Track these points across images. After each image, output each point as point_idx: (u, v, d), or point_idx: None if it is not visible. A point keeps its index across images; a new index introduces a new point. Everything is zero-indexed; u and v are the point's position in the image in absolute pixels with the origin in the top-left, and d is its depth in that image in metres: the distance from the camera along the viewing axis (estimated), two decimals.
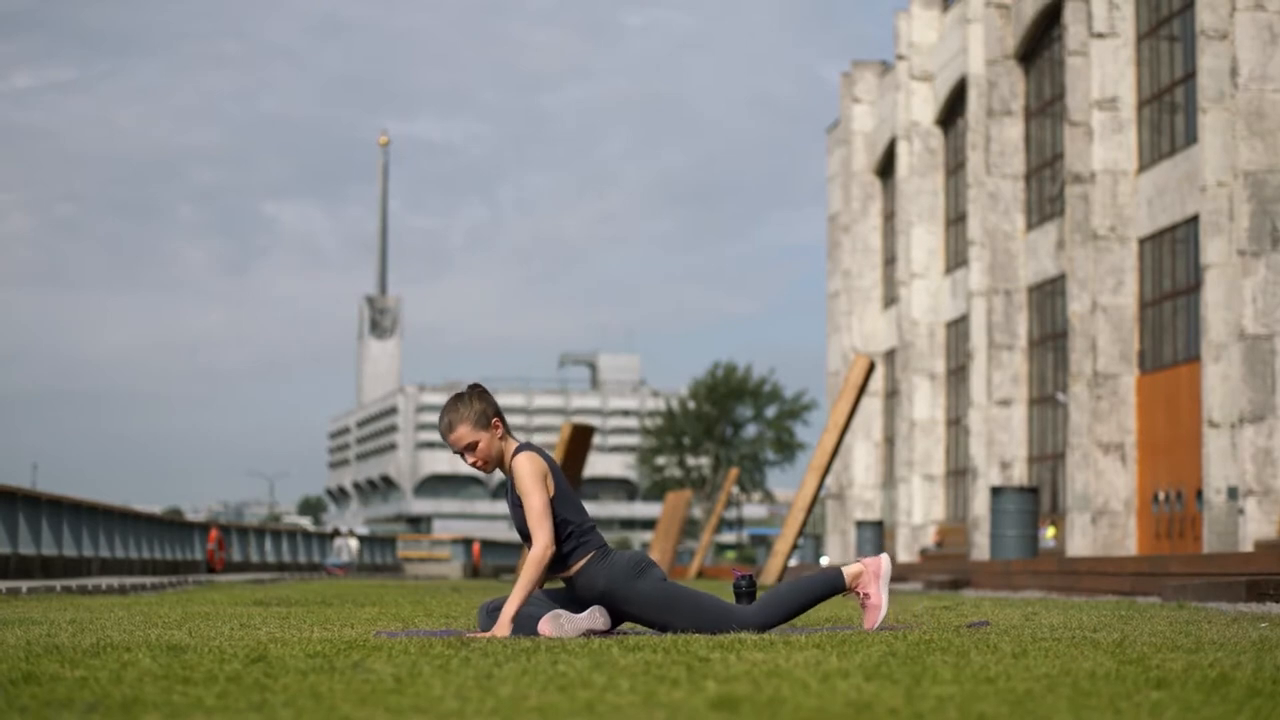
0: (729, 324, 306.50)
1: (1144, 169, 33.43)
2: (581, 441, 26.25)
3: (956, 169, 45.74)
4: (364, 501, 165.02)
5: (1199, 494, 30.00)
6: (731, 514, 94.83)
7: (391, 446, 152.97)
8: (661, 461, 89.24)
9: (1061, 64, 37.08)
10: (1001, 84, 40.21)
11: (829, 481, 51.53)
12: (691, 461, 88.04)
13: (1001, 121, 40.19)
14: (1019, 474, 39.12)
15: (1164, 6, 33.25)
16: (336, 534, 45.31)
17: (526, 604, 6.17)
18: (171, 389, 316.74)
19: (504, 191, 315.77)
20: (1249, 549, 24.09)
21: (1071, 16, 34.75)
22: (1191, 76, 31.43)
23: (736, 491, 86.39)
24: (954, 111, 45.62)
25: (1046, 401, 38.81)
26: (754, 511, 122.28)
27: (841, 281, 53.44)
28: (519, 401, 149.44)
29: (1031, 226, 39.71)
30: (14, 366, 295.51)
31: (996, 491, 24.46)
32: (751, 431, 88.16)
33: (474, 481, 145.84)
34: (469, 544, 58.04)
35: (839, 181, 54.52)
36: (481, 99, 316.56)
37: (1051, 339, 38.57)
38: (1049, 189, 38.91)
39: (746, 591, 6.55)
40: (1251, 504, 26.11)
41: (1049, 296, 38.72)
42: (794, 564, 39.08)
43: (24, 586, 14.38)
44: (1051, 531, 36.23)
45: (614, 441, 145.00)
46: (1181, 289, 32.10)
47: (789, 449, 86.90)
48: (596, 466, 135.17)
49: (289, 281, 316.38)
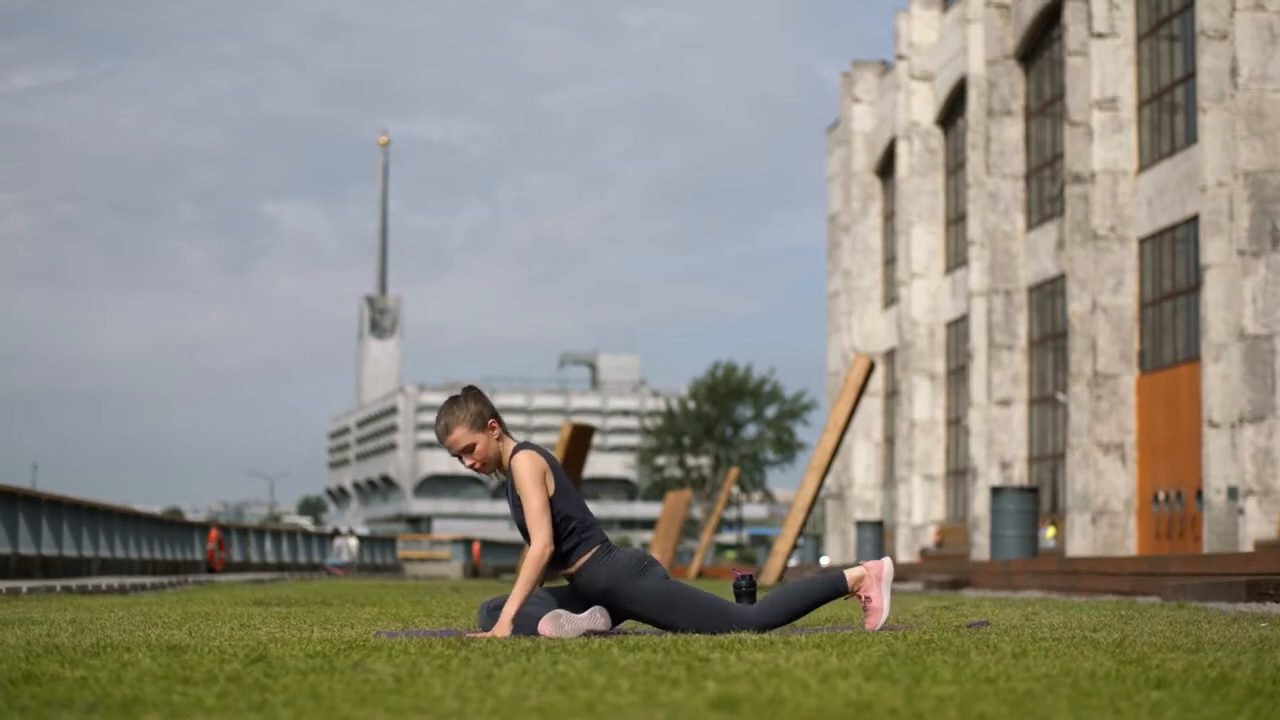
0: (729, 324, 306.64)
1: (1144, 169, 33.44)
2: (581, 441, 26.25)
3: (956, 169, 45.75)
4: (364, 501, 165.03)
5: (1199, 494, 30.00)
6: (731, 514, 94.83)
7: (391, 446, 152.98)
8: (661, 461, 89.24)
9: (1061, 64, 37.08)
10: (1001, 84, 40.21)
11: (829, 481, 51.53)
12: (691, 461, 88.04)
13: (1001, 121, 40.20)
14: (1019, 474, 39.12)
15: (1164, 6, 33.25)
16: (336, 534, 45.31)
17: (527, 603, 6.18)
18: (171, 389, 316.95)
19: (504, 191, 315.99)
20: (1249, 549, 24.09)
21: (1071, 16, 34.75)
22: (1191, 76, 31.43)
23: (736, 491, 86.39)
24: (954, 111, 45.63)
25: (1046, 401, 38.82)
26: (754, 511, 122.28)
27: (841, 281, 53.45)
28: (519, 401, 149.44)
29: (1031, 226, 39.71)
30: (14, 366, 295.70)
31: (996, 491, 24.45)
32: (751, 431, 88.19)
33: (474, 482, 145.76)
34: (469, 544, 58.03)
35: (839, 181, 54.53)
36: (481, 99, 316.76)
37: (1051, 339, 38.57)
38: (1049, 189, 38.91)
39: (747, 591, 6.55)
40: (1251, 504, 26.11)
41: (1049, 296, 38.72)
42: (794, 564, 39.06)
43: (24, 586, 14.38)
44: (1051, 531, 36.23)
45: (614, 441, 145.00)
46: (1181, 289, 32.11)
47: (789, 449, 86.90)
48: (596, 466, 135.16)
49: (289, 281, 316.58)
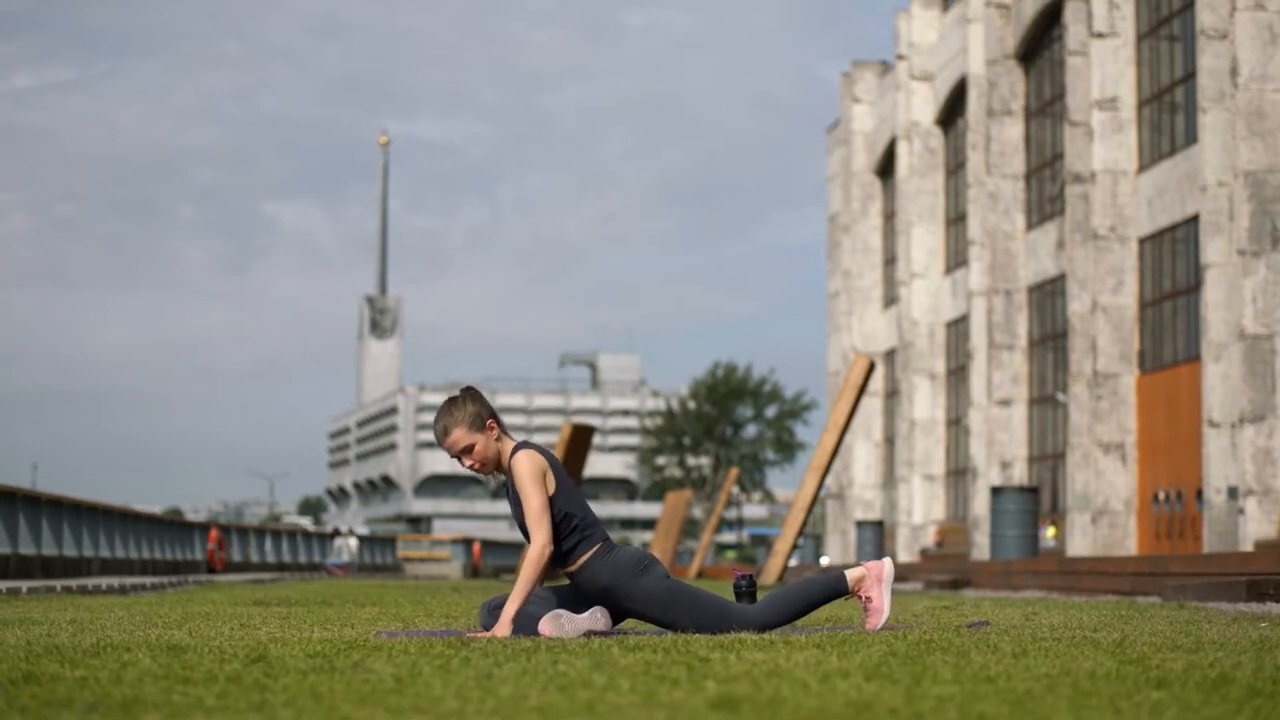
0: (729, 324, 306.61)
1: (1144, 169, 33.43)
2: (582, 441, 26.26)
3: (956, 169, 45.74)
4: (364, 501, 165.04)
5: (1199, 494, 29.99)
6: (731, 514, 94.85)
7: (391, 446, 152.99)
8: (661, 461, 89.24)
9: (1061, 64, 37.08)
10: (1001, 84, 40.21)
11: (829, 481, 51.53)
12: (691, 461, 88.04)
13: (1001, 121, 40.19)
14: (1019, 474, 39.11)
15: (1164, 6, 33.25)
16: (337, 534, 45.31)
17: (527, 602, 6.18)
18: (171, 389, 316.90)
19: (504, 191, 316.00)
20: (1249, 549, 24.09)
21: (1071, 16, 34.75)
22: (1191, 76, 31.43)
23: (736, 491, 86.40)
24: (954, 111, 45.62)
25: (1047, 401, 38.81)
26: (754, 511, 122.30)
27: (841, 281, 53.45)
28: (519, 401, 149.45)
29: (1031, 226, 39.71)
30: (14, 366, 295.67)
31: (996, 491, 24.45)
32: (751, 431, 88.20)
33: (474, 482, 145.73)
34: (469, 544, 58.03)
35: (839, 181, 54.53)
36: (481, 99, 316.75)
37: (1051, 339, 38.57)
38: (1049, 189, 38.91)
39: (747, 591, 6.56)
40: (1251, 504, 26.11)
41: (1049, 296, 38.72)
42: (794, 564, 39.06)
43: (24, 586, 14.38)
44: (1052, 531, 36.22)
45: (614, 441, 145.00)
46: (1181, 289, 32.10)
47: (789, 449, 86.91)
48: (596, 466, 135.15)
49: (289, 281, 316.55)
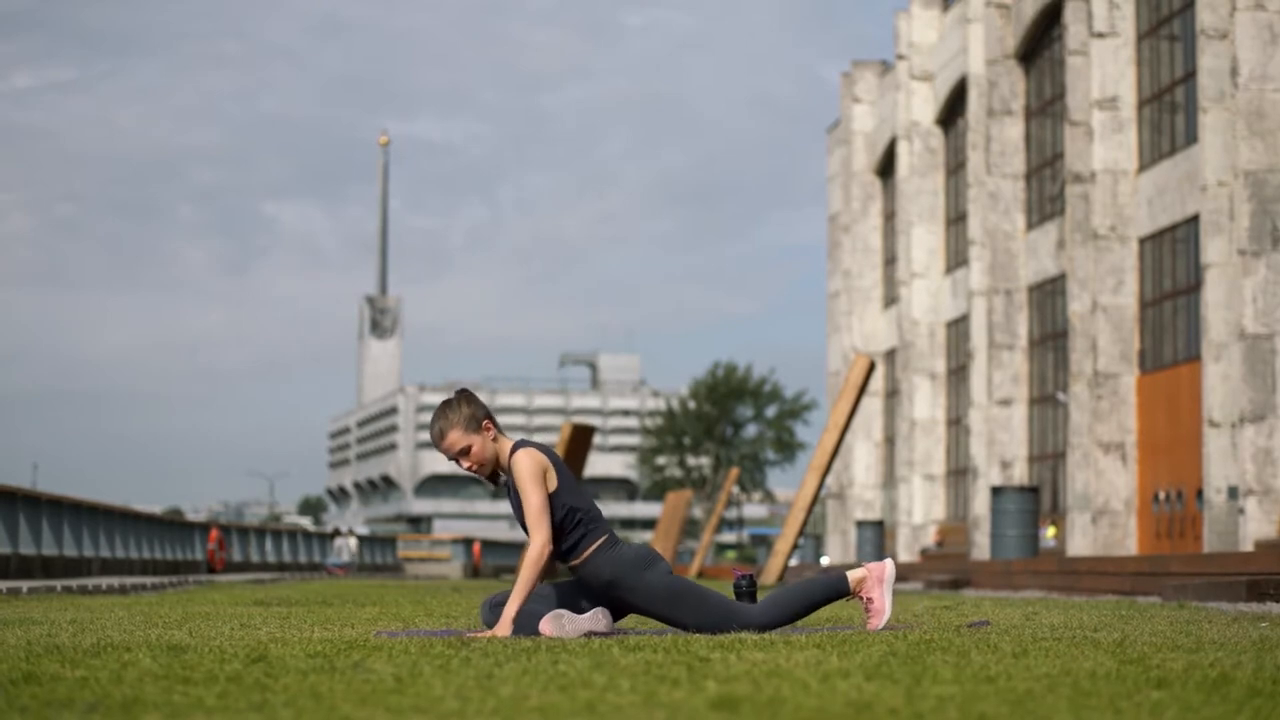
0: (729, 324, 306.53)
1: (1144, 169, 33.43)
2: (582, 441, 26.25)
3: (957, 169, 45.74)
4: (364, 501, 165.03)
5: (1199, 494, 29.99)
6: (732, 514, 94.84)
7: (392, 446, 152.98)
8: (662, 461, 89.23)
9: (1062, 64, 37.07)
10: (1002, 84, 40.21)
11: (829, 481, 51.53)
12: (692, 461, 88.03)
13: (1002, 121, 40.19)
14: (1019, 474, 39.11)
15: (1164, 6, 33.25)
16: (337, 534, 45.30)
17: (529, 600, 6.19)
18: (171, 389, 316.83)
19: (504, 191, 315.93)
20: (1249, 549, 24.09)
21: (1072, 16, 34.75)
22: (1192, 76, 31.42)
23: (737, 491, 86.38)
24: (954, 111, 45.62)
25: (1047, 401, 38.81)
26: (754, 511, 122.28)
27: (842, 281, 53.45)
28: (519, 401, 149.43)
29: (1032, 226, 39.71)
30: (14, 366, 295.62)
31: (997, 491, 24.44)
32: (752, 431, 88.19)
33: (474, 482, 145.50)
34: (469, 544, 58.04)
35: (839, 181, 54.53)
36: (481, 99, 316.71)
37: (1052, 339, 38.57)
38: (1049, 189, 38.91)
39: (747, 591, 6.56)
40: (1252, 504, 26.10)
41: (1049, 296, 38.72)
42: (794, 564, 39.07)
43: (24, 586, 14.38)
44: (1052, 531, 36.22)
45: (614, 441, 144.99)
46: (1182, 289, 32.10)
47: (789, 449, 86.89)
48: (597, 466, 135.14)
49: (289, 281, 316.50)
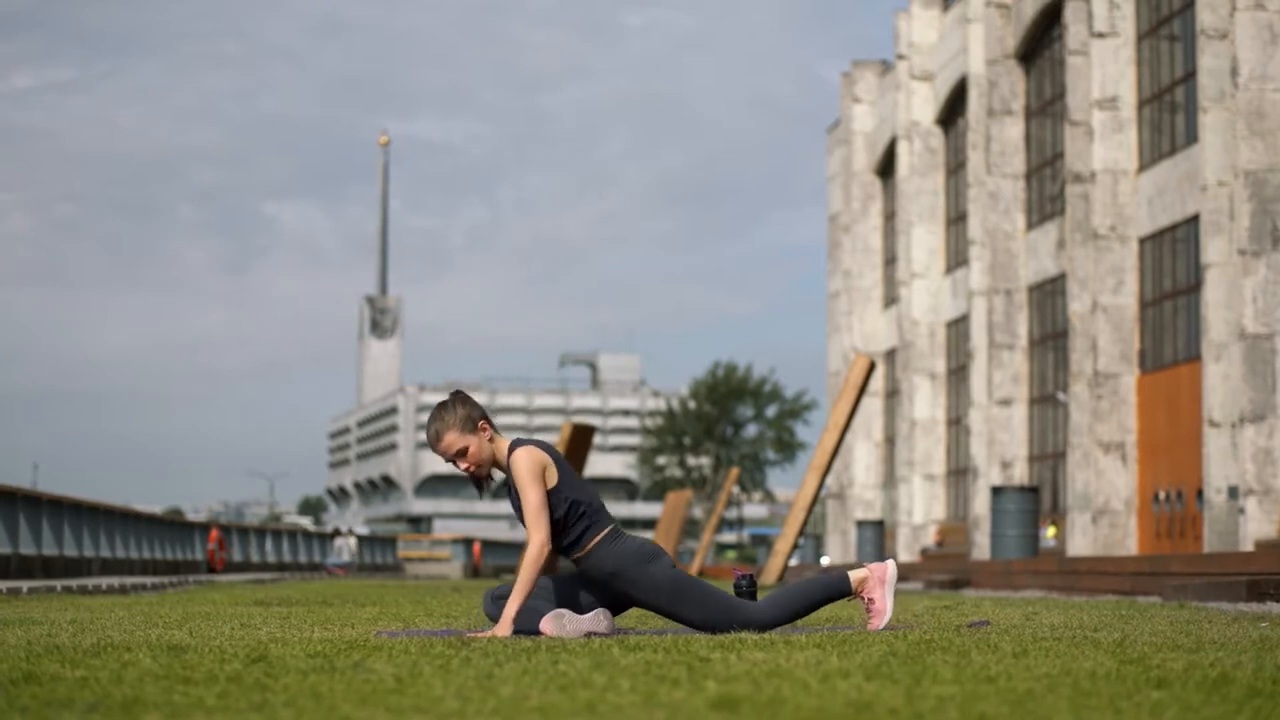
0: (729, 324, 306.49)
1: (1144, 168, 33.43)
2: (582, 441, 26.25)
3: (957, 169, 45.74)
4: (364, 501, 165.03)
5: (1199, 493, 29.99)
6: (732, 514, 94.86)
7: (392, 446, 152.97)
8: (662, 461, 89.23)
9: (1062, 63, 37.07)
10: (1002, 84, 40.20)
11: (829, 481, 51.53)
12: (692, 461, 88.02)
13: (1002, 121, 40.19)
14: (1019, 473, 39.11)
15: (1164, 6, 33.24)
16: (337, 534, 45.31)
17: (530, 596, 6.20)
18: (171, 389, 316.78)
19: (504, 191, 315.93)
20: (1249, 549, 24.09)
21: (1072, 16, 34.74)
22: (1192, 76, 31.42)
23: (737, 491, 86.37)
24: (954, 111, 45.62)
25: (1047, 401, 38.81)
26: (754, 511, 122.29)
27: (842, 281, 53.45)
28: (519, 401, 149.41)
29: (1032, 226, 39.71)
30: (14, 366, 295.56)
31: (997, 491, 24.45)
32: (752, 431, 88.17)
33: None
34: (469, 544, 58.06)
35: (839, 181, 54.53)
36: (481, 99, 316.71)
37: (1052, 338, 38.57)
38: (1049, 188, 38.90)
39: (747, 591, 6.56)
40: (1252, 503, 26.10)
41: (1049, 296, 38.71)
42: (794, 564, 39.07)
43: (24, 586, 14.38)
44: (1052, 531, 36.22)
45: (614, 441, 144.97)
46: (1182, 288, 32.10)
47: (789, 449, 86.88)
48: (597, 466, 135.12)
49: (289, 281, 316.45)
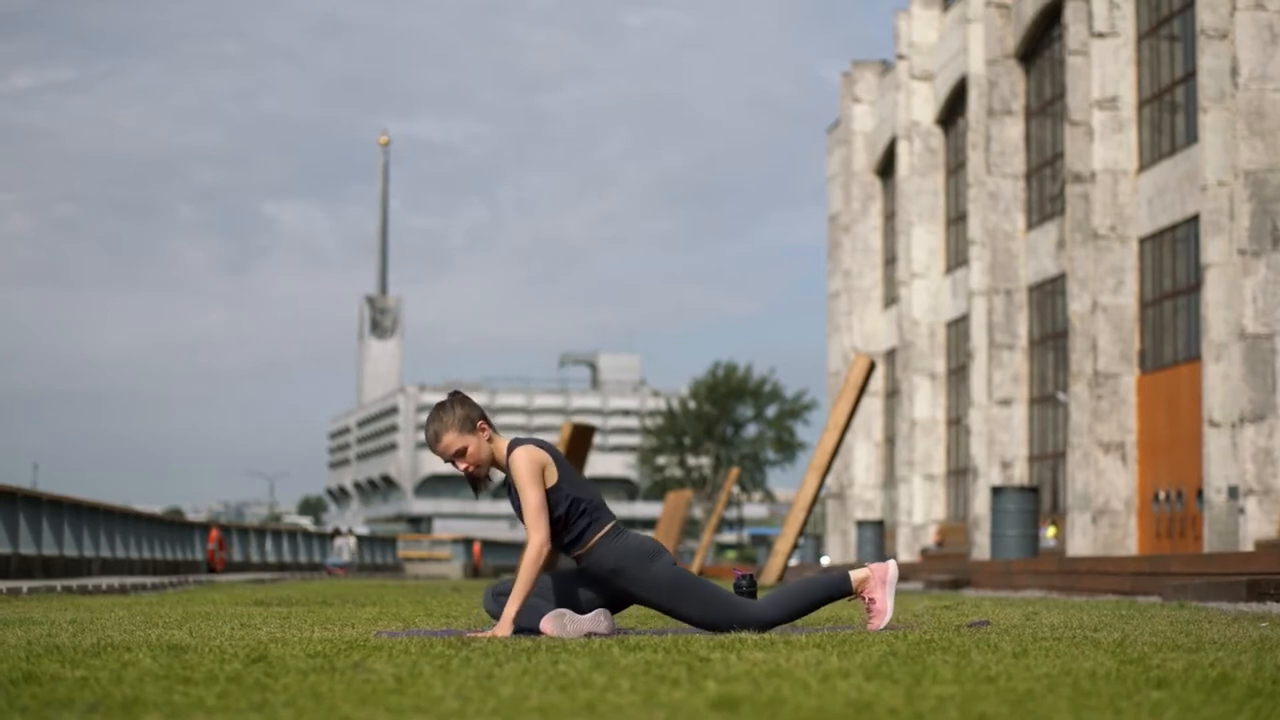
0: (729, 324, 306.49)
1: (1144, 168, 33.42)
2: (582, 441, 26.23)
3: (957, 169, 45.74)
4: (364, 501, 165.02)
5: (1199, 493, 29.99)
6: (732, 514, 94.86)
7: (392, 446, 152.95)
8: (662, 461, 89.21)
9: (1062, 63, 37.07)
10: (1002, 84, 40.20)
11: (829, 481, 51.52)
12: (692, 461, 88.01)
13: (1002, 121, 40.18)
14: (1019, 473, 39.10)
15: (1164, 6, 33.24)
16: (337, 534, 45.31)
17: (532, 592, 6.22)
18: (171, 389, 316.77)
19: (504, 191, 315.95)
20: (1249, 549, 24.09)
21: (1072, 16, 34.74)
22: (1192, 76, 31.42)
23: (737, 491, 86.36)
24: (954, 111, 45.62)
25: (1047, 401, 38.81)
26: (754, 511, 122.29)
27: (842, 281, 53.44)
28: (519, 401, 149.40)
29: (1032, 226, 39.70)
30: (14, 366, 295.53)
31: (997, 491, 24.44)
32: (752, 431, 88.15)
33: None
34: (469, 544, 58.06)
35: (839, 181, 54.52)
36: (481, 99, 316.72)
37: (1052, 338, 38.57)
38: (1049, 188, 38.90)
39: (747, 591, 6.56)
40: (1252, 503, 26.10)
41: (1049, 296, 38.71)
42: (794, 564, 39.07)
43: (24, 586, 14.38)
44: (1052, 531, 36.22)
45: (614, 441, 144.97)
46: (1182, 288, 32.09)
47: (789, 449, 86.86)
48: (597, 466, 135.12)
49: (289, 281, 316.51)
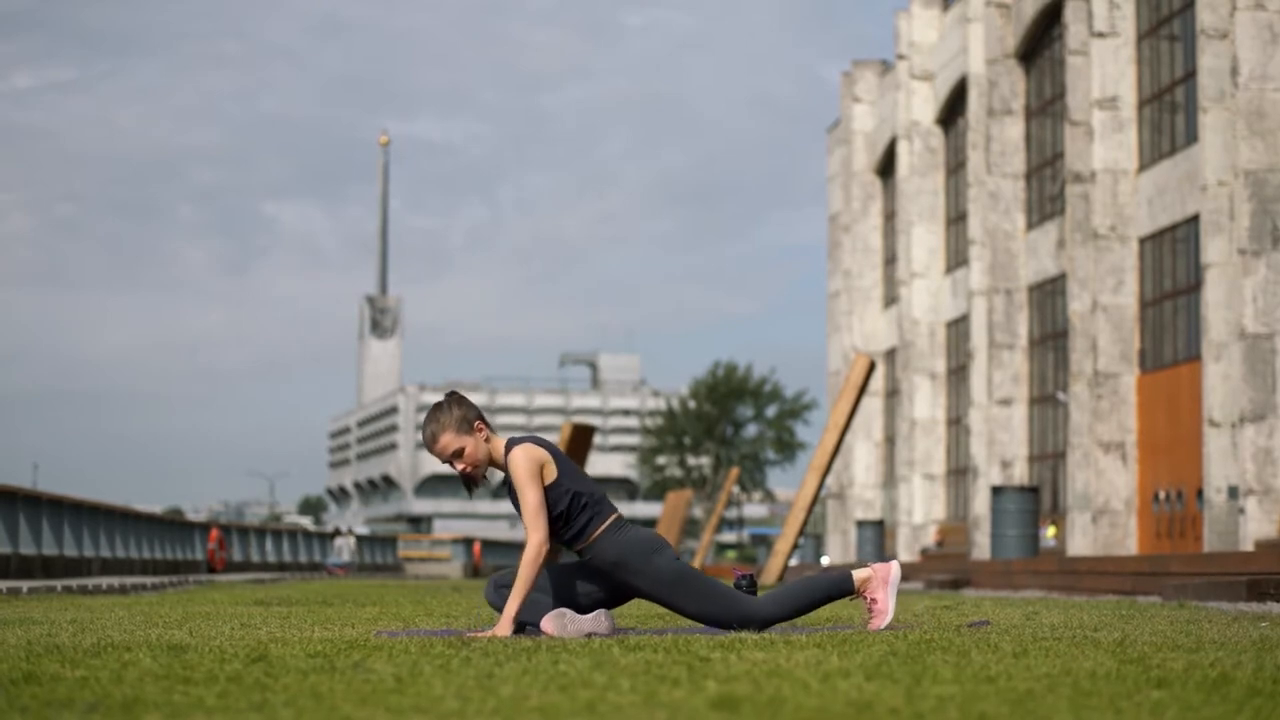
0: (729, 324, 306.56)
1: (1144, 168, 33.42)
2: (582, 441, 26.22)
3: (957, 168, 45.73)
4: (364, 501, 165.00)
5: (1199, 493, 29.98)
6: (732, 513, 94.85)
7: (392, 446, 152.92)
8: (662, 461, 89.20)
9: (1062, 63, 37.06)
10: (1002, 83, 40.19)
11: (829, 481, 51.52)
12: (692, 461, 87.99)
13: (1002, 121, 40.18)
14: (1019, 473, 39.10)
15: (1164, 6, 33.23)
16: (337, 534, 45.30)
17: (533, 589, 6.23)
18: (171, 389, 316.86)
19: (504, 191, 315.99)
20: (1249, 548, 24.09)
21: (1072, 16, 34.74)
22: (1192, 76, 31.41)
23: (737, 491, 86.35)
24: (954, 111, 45.61)
25: (1047, 401, 38.80)
26: (754, 511, 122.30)
27: (842, 281, 53.44)
28: (519, 401, 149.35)
29: (1032, 226, 39.70)
30: (14, 366, 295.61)
31: (997, 491, 24.44)
32: (752, 431, 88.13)
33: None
34: (469, 544, 58.06)
35: (839, 181, 54.51)
36: (481, 99, 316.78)
37: (1052, 338, 38.56)
38: (1049, 188, 38.89)
39: (747, 591, 6.56)
40: (1252, 503, 26.10)
41: (1049, 296, 38.71)
42: (794, 564, 39.08)
43: (25, 586, 14.38)
44: (1052, 531, 36.21)
45: (614, 441, 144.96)
46: (1182, 288, 32.09)
47: (789, 449, 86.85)
48: (597, 466, 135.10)
49: (289, 281, 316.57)
